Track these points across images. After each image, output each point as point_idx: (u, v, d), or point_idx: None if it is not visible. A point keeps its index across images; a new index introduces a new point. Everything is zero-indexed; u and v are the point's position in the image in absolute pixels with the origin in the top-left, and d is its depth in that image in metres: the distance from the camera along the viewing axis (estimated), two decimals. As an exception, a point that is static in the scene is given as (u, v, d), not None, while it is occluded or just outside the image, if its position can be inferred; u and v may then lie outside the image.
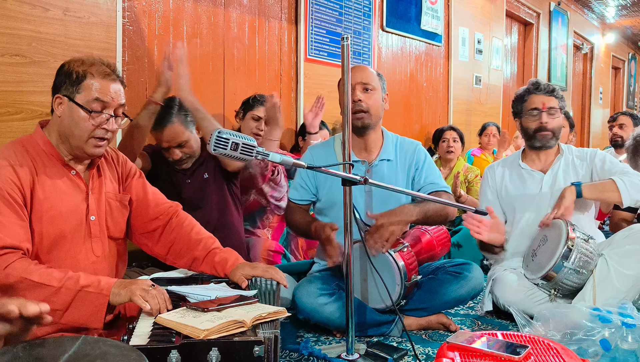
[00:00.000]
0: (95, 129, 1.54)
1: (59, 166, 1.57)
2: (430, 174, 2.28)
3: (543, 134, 2.41)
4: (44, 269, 1.39)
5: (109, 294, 1.37)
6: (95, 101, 1.53)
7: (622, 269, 2.04)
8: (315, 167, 1.68)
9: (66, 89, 1.54)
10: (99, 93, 1.54)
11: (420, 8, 4.70)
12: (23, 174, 1.48)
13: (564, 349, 1.37)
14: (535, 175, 2.45)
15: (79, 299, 1.36)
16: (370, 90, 2.18)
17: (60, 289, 1.36)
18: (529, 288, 2.23)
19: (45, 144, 1.56)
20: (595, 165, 2.38)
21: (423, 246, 2.27)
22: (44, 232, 1.50)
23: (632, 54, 11.67)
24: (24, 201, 1.47)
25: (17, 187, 1.46)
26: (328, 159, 2.25)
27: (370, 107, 2.17)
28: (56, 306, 1.34)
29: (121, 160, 1.76)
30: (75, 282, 1.37)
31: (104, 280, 1.40)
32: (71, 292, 1.36)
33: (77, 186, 1.59)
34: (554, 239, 2.16)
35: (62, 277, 1.38)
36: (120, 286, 1.39)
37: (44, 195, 1.51)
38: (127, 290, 1.37)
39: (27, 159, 1.52)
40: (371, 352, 1.91)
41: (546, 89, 2.44)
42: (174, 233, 1.75)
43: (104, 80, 1.55)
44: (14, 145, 1.54)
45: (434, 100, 5.06)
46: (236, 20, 3.23)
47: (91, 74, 1.54)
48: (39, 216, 1.50)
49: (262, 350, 1.19)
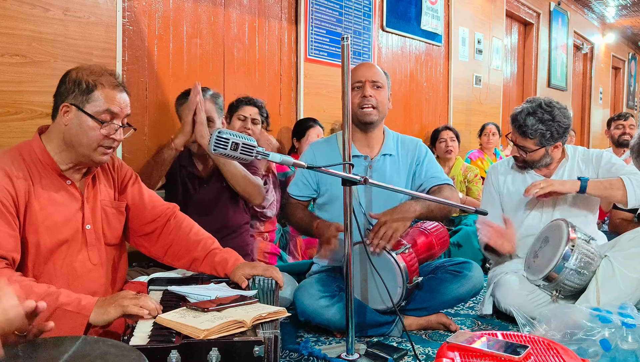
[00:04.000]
0: (104, 138, 1.56)
1: (55, 176, 1.57)
2: (431, 168, 2.29)
3: (519, 164, 2.42)
4: (26, 282, 1.36)
5: (88, 314, 1.33)
6: (106, 112, 1.55)
7: (627, 271, 2.04)
8: (316, 167, 1.68)
9: (75, 98, 1.54)
10: (110, 104, 1.55)
11: (420, 8, 4.70)
12: (19, 184, 1.48)
13: (564, 349, 1.37)
14: (538, 179, 2.42)
15: (57, 317, 1.29)
16: (380, 87, 2.21)
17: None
18: (531, 291, 2.22)
19: (42, 153, 1.56)
20: (602, 167, 2.35)
21: (422, 245, 2.27)
22: (41, 243, 1.50)
23: (632, 54, 11.66)
24: (17, 211, 1.46)
25: (12, 196, 1.45)
26: (331, 155, 2.25)
27: (379, 104, 2.20)
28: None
29: (117, 166, 1.76)
30: (55, 299, 1.33)
31: (85, 299, 1.36)
32: (49, 309, 1.29)
33: (73, 196, 1.59)
34: (554, 240, 2.16)
35: (42, 292, 1.34)
36: (104, 304, 1.35)
37: (40, 206, 1.51)
38: (115, 306, 1.33)
39: (24, 168, 1.52)
40: (371, 353, 1.91)
41: (519, 129, 2.33)
42: (172, 235, 1.75)
43: (113, 91, 1.57)
44: (11, 153, 1.54)
45: (434, 100, 5.05)
46: (236, 20, 3.22)
47: (101, 84, 1.55)
48: (34, 226, 1.49)
49: (262, 350, 1.19)
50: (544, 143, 2.32)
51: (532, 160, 2.37)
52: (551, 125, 2.29)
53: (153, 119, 2.76)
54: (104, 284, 1.64)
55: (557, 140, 2.33)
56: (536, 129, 2.29)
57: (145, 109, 2.74)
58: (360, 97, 2.18)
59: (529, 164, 2.39)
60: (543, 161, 2.38)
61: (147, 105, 2.74)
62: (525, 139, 2.32)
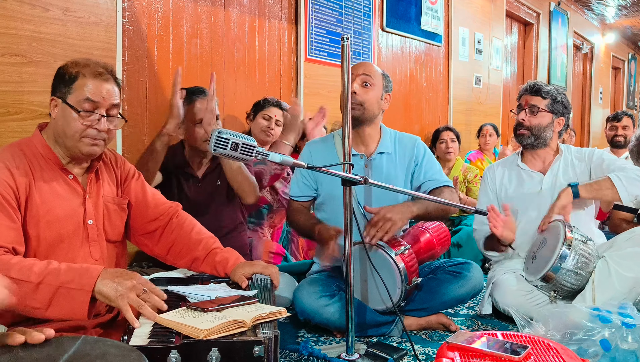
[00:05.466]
0: (87, 129, 1.53)
1: (56, 170, 1.56)
2: (430, 169, 2.28)
3: (519, 131, 2.44)
4: (25, 263, 1.34)
5: (90, 290, 1.30)
6: (86, 101, 1.52)
7: (622, 271, 2.04)
8: (315, 167, 1.68)
9: (60, 90, 1.54)
10: (90, 93, 1.52)
11: (420, 8, 4.70)
12: (20, 177, 1.47)
13: (564, 349, 1.37)
14: (534, 175, 2.45)
15: (60, 296, 1.29)
16: (369, 85, 2.19)
17: (39, 286, 1.30)
18: (529, 291, 2.23)
19: (43, 148, 1.56)
20: (594, 164, 2.38)
21: (423, 245, 2.27)
22: (41, 237, 1.49)
23: (632, 54, 11.67)
24: (18, 204, 1.46)
25: (12, 189, 1.45)
26: (328, 155, 2.25)
27: (364, 102, 2.17)
28: (36, 304, 1.30)
29: (119, 162, 1.75)
30: (56, 276, 1.31)
31: (86, 275, 1.32)
32: (51, 289, 1.30)
33: (75, 190, 1.58)
34: (552, 240, 2.16)
35: (42, 271, 1.31)
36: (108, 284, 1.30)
37: (41, 199, 1.50)
38: (118, 298, 1.28)
39: (25, 162, 1.51)
40: (371, 353, 1.91)
41: (531, 89, 2.45)
42: (174, 233, 1.74)
43: (95, 80, 1.53)
44: (11, 148, 1.54)
45: (434, 101, 5.05)
46: (236, 20, 3.23)
47: (83, 74, 1.53)
48: (35, 220, 1.49)
49: (262, 350, 1.19)
50: (553, 107, 2.41)
51: (539, 125, 2.40)
52: (562, 97, 2.45)
53: (153, 119, 2.76)
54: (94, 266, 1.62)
55: (561, 116, 2.43)
56: (549, 91, 2.43)
57: (145, 109, 2.74)
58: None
59: (533, 131, 2.41)
60: (546, 133, 2.42)
61: (147, 105, 2.74)
62: (537, 97, 2.42)
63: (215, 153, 1.52)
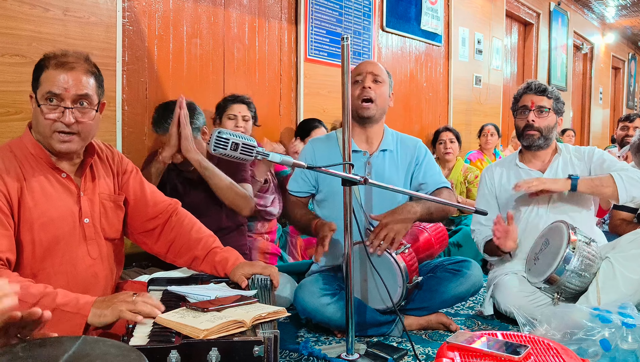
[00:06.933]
0: (53, 123, 1.46)
1: (48, 170, 1.53)
2: (430, 171, 2.29)
3: (529, 133, 2.43)
4: (23, 283, 1.32)
5: (87, 313, 1.30)
6: (48, 94, 1.45)
7: (627, 272, 2.04)
8: (315, 167, 1.68)
9: (33, 85, 1.50)
10: (51, 85, 1.45)
11: (420, 8, 4.70)
12: (10, 181, 1.44)
13: (564, 349, 1.37)
14: (533, 175, 2.45)
15: (55, 318, 1.25)
16: (380, 82, 2.21)
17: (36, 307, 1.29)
18: (531, 293, 2.22)
19: (34, 146, 1.52)
20: (594, 163, 2.38)
21: (421, 244, 2.27)
22: (36, 240, 1.47)
23: (632, 54, 11.67)
24: (10, 210, 1.43)
25: (4, 195, 1.43)
26: (331, 152, 2.25)
27: (377, 97, 2.19)
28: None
29: (116, 158, 1.72)
30: (52, 300, 1.30)
31: (82, 299, 1.32)
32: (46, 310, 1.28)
33: (68, 189, 1.56)
34: (555, 242, 2.16)
35: (38, 293, 1.30)
36: (102, 305, 1.31)
37: (34, 202, 1.47)
38: (112, 309, 1.29)
39: (15, 164, 1.48)
40: (371, 352, 1.91)
41: (537, 89, 2.45)
42: (173, 232, 1.73)
43: (56, 70, 1.45)
44: (1, 151, 1.50)
45: (434, 101, 5.05)
46: (236, 20, 3.23)
47: (46, 66, 1.46)
48: (29, 224, 1.46)
49: (262, 350, 1.19)
50: (556, 107, 2.45)
51: (548, 126, 2.42)
52: (560, 98, 2.51)
53: (153, 119, 2.76)
54: (104, 278, 1.62)
55: (561, 115, 2.48)
56: (552, 91, 2.47)
57: (145, 109, 2.74)
58: (360, 89, 2.18)
59: (543, 133, 2.42)
60: (553, 133, 2.45)
61: (147, 105, 2.74)
62: (544, 98, 2.44)
63: (215, 153, 1.52)
